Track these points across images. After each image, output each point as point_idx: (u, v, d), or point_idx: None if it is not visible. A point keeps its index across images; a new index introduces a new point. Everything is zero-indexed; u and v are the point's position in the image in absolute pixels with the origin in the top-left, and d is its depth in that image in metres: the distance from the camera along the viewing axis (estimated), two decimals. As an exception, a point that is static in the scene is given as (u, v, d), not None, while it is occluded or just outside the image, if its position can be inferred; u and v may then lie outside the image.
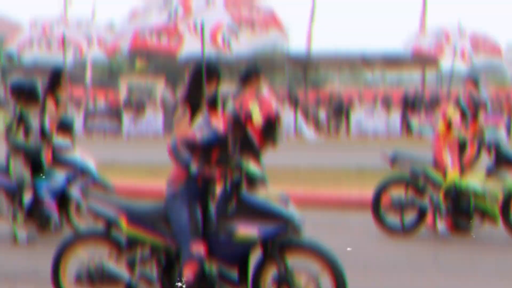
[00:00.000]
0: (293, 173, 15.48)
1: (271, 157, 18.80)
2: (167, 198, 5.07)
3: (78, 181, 8.37)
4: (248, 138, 5.19)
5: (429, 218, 8.70)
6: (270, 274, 5.05)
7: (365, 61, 38.16)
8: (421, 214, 8.85)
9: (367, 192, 9.33)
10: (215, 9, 6.18)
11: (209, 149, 4.95)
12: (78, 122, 31.64)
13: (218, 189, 5.12)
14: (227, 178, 4.84)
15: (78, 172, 8.40)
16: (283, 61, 38.05)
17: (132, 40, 7.35)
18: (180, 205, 4.98)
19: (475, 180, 8.52)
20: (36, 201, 8.30)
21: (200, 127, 4.95)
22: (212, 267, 4.97)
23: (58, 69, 9.69)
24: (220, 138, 4.94)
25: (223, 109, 5.94)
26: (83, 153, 8.74)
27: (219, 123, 4.95)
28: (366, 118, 31.56)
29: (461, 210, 8.51)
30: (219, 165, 4.98)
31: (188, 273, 4.87)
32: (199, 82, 6.35)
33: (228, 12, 6.10)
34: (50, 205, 8.24)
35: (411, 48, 29.24)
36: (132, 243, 5.23)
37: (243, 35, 7.32)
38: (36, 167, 8.52)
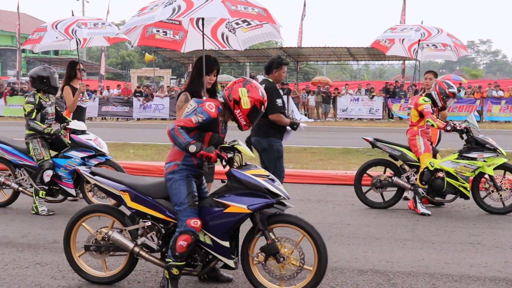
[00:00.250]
0: (285, 153, 15.48)
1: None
2: (166, 175, 5.03)
3: (92, 161, 8.38)
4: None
5: (410, 201, 8.74)
6: (258, 244, 5.09)
7: (350, 54, 38.15)
8: (398, 192, 8.95)
9: (352, 170, 9.33)
10: (214, 4, 6.08)
11: (203, 130, 4.94)
12: (93, 108, 32.02)
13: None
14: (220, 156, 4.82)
15: (93, 152, 8.39)
16: (277, 54, 37.97)
17: (141, 36, 7.25)
18: (178, 181, 4.95)
19: (448, 161, 8.52)
20: (56, 178, 8.33)
21: (194, 111, 4.90)
22: (206, 238, 4.96)
23: (74, 61, 9.62)
24: (212, 120, 4.90)
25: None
26: (97, 135, 8.72)
27: (211, 107, 4.91)
28: (351, 104, 31.57)
29: (435, 188, 8.55)
30: (212, 144, 5.00)
31: (182, 243, 4.85)
32: (200, 73, 6.34)
33: (226, 7, 6.00)
34: (67, 183, 8.28)
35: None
36: (135, 216, 5.27)
37: (240, 31, 7.25)
38: (54, 148, 8.53)
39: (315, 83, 38.54)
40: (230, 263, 5.00)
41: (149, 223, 5.17)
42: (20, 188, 8.63)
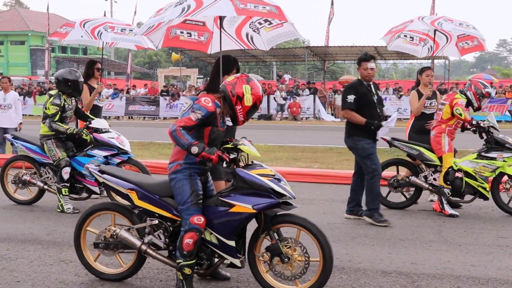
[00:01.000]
0: (310, 153, 15.46)
1: (292, 138, 18.85)
2: (169, 175, 5.04)
3: (115, 159, 8.44)
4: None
5: (435, 203, 8.62)
6: (263, 244, 5.09)
7: (378, 53, 37.89)
8: (416, 192, 8.87)
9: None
10: (223, 3, 6.09)
11: (202, 125, 4.93)
12: (120, 107, 32.28)
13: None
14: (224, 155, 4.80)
15: (115, 151, 8.44)
16: (303, 53, 37.91)
17: (165, 37, 7.29)
18: (181, 180, 4.95)
19: (467, 161, 8.40)
20: (79, 176, 8.40)
21: (190, 108, 4.90)
22: (212, 238, 4.96)
23: (93, 60, 9.70)
24: (210, 114, 4.90)
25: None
26: (124, 134, 8.78)
27: (207, 102, 4.91)
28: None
29: (453, 188, 8.42)
30: (212, 138, 5.01)
31: (188, 241, 4.85)
32: (219, 72, 6.38)
33: (233, 5, 6.01)
34: (91, 181, 8.33)
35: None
36: (142, 214, 5.30)
37: (263, 31, 7.24)
38: (78, 147, 8.59)
39: (342, 82, 38.36)
40: (236, 262, 4.99)
41: (156, 222, 5.19)
42: (45, 186, 8.72)
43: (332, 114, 32.35)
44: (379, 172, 7.83)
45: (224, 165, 4.79)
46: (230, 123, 5.28)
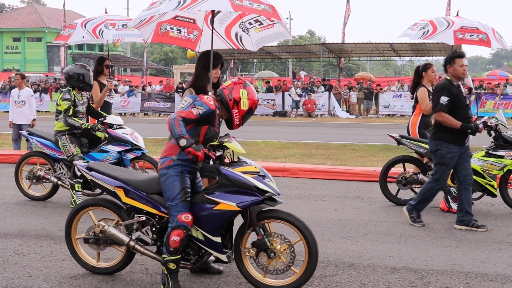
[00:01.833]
0: (324, 149, 15.46)
1: (306, 134, 18.86)
2: (161, 170, 5.08)
3: (129, 155, 8.51)
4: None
5: (441, 202, 8.58)
6: (249, 239, 5.15)
7: (393, 49, 37.76)
8: None
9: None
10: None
11: (199, 123, 5.01)
12: (136, 104, 32.43)
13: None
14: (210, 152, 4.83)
15: (129, 146, 8.51)
16: (319, 49, 37.84)
17: (155, 32, 7.35)
18: (172, 177, 4.99)
19: (475, 159, 8.32)
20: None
21: (191, 105, 4.97)
22: (198, 234, 5.00)
23: (102, 57, 9.78)
24: (211, 112, 4.98)
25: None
26: (139, 131, 8.84)
27: (209, 99, 4.97)
28: (394, 101, 31.19)
29: None
30: (208, 138, 5.07)
31: (175, 239, 4.90)
32: (205, 68, 6.44)
33: (229, 1, 6.03)
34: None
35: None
36: (130, 211, 5.36)
37: (253, 31, 7.25)
38: (92, 143, 8.66)
39: (357, 79, 38.26)
40: (223, 257, 5.06)
41: (144, 218, 5.25)
42: (59, 182, 8.81)
43: (347, 111, 32.29)
44: (441, 186, 7.60)
45: (211, 162, 4.83)
46: None
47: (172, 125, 4.80)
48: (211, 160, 4.81)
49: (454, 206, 8.27)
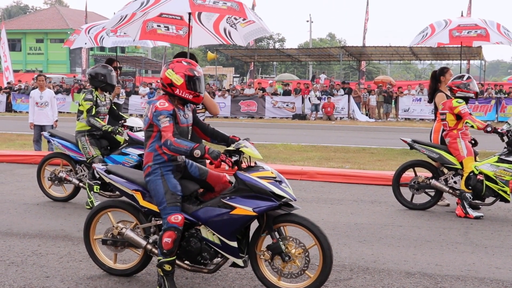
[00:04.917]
0: (343, 153, 15.44)
1: (325, 138, 18.80)
2: (144, 178, 5.16)
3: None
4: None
5: (457, 208, 8.51)
6: (265, 243, 5.17)
7: (413, 53, 37.57)
8: (437, 194, 8.84)
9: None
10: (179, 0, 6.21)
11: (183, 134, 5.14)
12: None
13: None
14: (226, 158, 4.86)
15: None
16: (339, 53, 37.77)
17: (142, 31, 7.42)
18: (154, 182, 5.06)
19: (488, 164, 8.30)
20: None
21: (155, 118, 5.02)
22: (215, 238, 5.03)
23: (110, 59, 9.90)
24: (173, 113, 5.04)
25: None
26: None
27: (162, 104, 5.03)
28: (413, 104, 31.03)
29: (474, 191, 8.32)
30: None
31: (167, 240, 4.95)
32: None
33: (189, 2, 6.09)
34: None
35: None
36: (148, 214, 5.40)
37: (239, 26, 7.27)
38: (112, 145, 8.73)
39: (377, 82, 38.12)
40: (239, 262, 5.08)
41: (161, 222, 5.26)
42: (81, 184, 8.88)
43: (367, 114, 32.18)
44: None
45: (226, 168, 4.87)
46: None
47: (175, 149, 4.86)
48: (226, 166, 4.85)
49: (470, 212, 8.23)
